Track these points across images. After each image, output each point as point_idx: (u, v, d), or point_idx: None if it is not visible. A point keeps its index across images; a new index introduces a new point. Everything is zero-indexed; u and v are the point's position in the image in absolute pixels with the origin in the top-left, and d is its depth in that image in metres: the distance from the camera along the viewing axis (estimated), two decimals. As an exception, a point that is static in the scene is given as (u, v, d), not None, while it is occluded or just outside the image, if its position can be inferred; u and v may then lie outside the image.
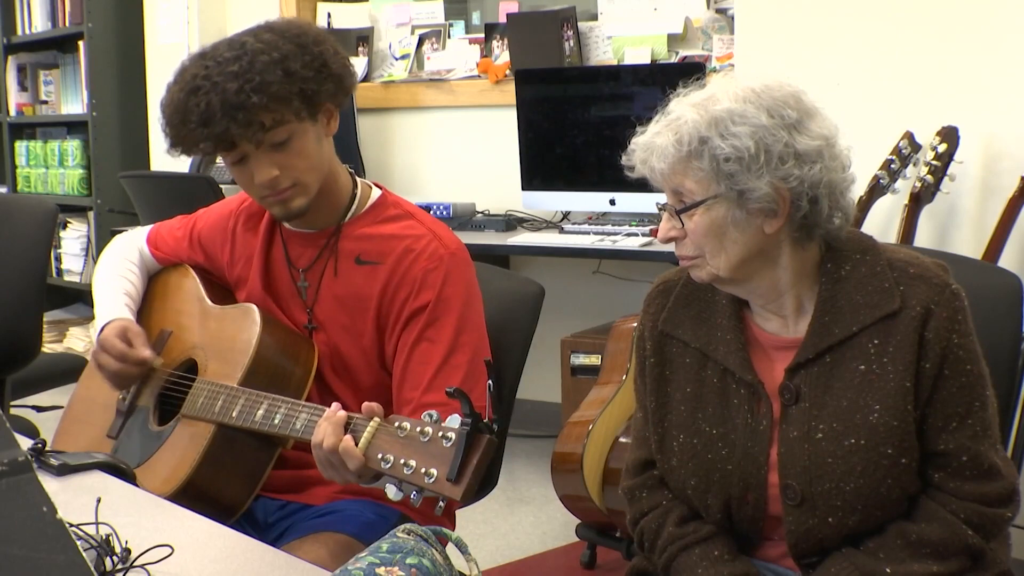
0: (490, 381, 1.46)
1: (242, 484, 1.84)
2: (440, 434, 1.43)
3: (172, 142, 1.86)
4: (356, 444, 1.53)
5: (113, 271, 2.14)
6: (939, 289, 1.52)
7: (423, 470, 1.43)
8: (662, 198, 1.61)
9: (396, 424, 1.49)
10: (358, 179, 1.99)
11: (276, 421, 1.74)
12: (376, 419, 1.53)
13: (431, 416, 1.45)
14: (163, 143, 1.90)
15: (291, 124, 1.81)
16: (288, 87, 1.78)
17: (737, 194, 1.50)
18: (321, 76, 1.83)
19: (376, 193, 1.97)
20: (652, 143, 1.54)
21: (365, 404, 1.57)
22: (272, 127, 1.79)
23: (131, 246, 2.18)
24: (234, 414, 1.80)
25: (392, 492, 1.46)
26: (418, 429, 1.46)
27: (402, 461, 1.46)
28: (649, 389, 1.68)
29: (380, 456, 1.49)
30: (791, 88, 1.54)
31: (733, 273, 1.55)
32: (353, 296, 1.90)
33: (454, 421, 1.43)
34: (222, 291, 2.06)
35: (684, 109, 1.53)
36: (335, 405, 1.62)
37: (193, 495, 1.76)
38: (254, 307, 1.93)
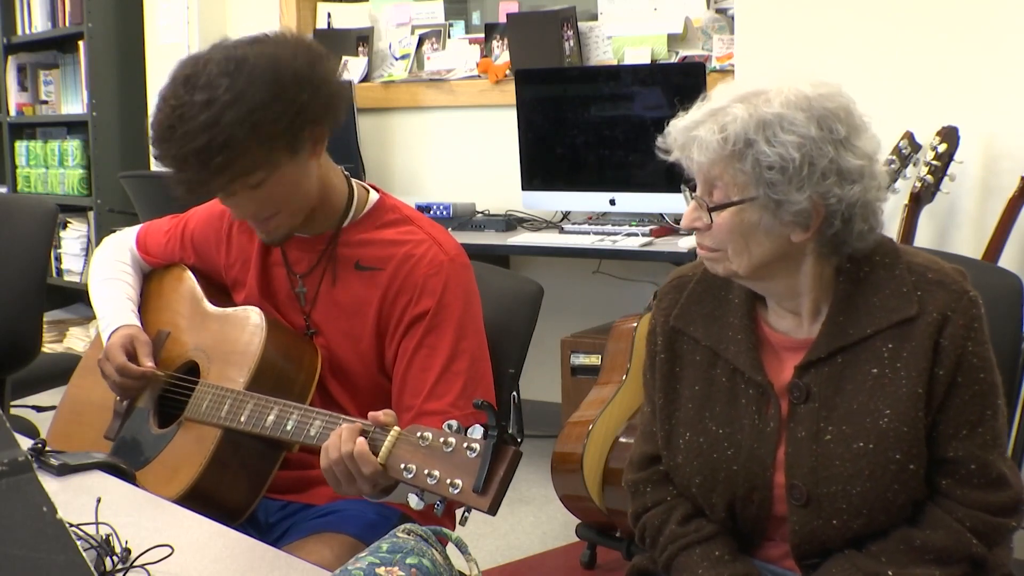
0: (515, 393, 1.45)
1: (247, 488, 1.84)
2: (464, 445, 1.42)
3: (158, 160, 1.87)
4: (376, 454, 1.52)
5: (109, 274, 2.13)
6: (957, 296, 1.51)
7: (448, 481, 1.42)
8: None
9: (418, 434, 1.48)
10: (354, 182, 1.97)
11: (288, 427, 1.73)
12: (396, 428, 1.52)
13: (452, 426, 1.45)
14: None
15: (262, 170, 1.78)
16: (255, 142, 1.74)
17: (775, 203, 1.48)
18: (297, 123, 1.78)
19: (374, 197, 1.96)
20: (694, 133, 1.50)
21: (372, 413, 1.56)
22: (242, 175, 1.77)
23: (123, 247, 2.18)
24: (242, 419, 1.79)
25: (414, 502, 1.46)
26: (441, 440, 1.45)
27: (425, 471, 1.45)
28: (658, 385, 1.67)
29: (402, 466, 1.48)
30: (843, 99, 1.51)
31: (752, 273, 1.54)
32: (353, 302, 1.90)
33: (477, 432, 1.42)
34: (219, 292, 2.06)
35: (731, 102, 1.50)
36: (348, 420, 1.62)
37: (198, 499, 1.75)
38: (257, 310, 1.92)
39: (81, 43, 5.58)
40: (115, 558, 1.35)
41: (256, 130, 1.74)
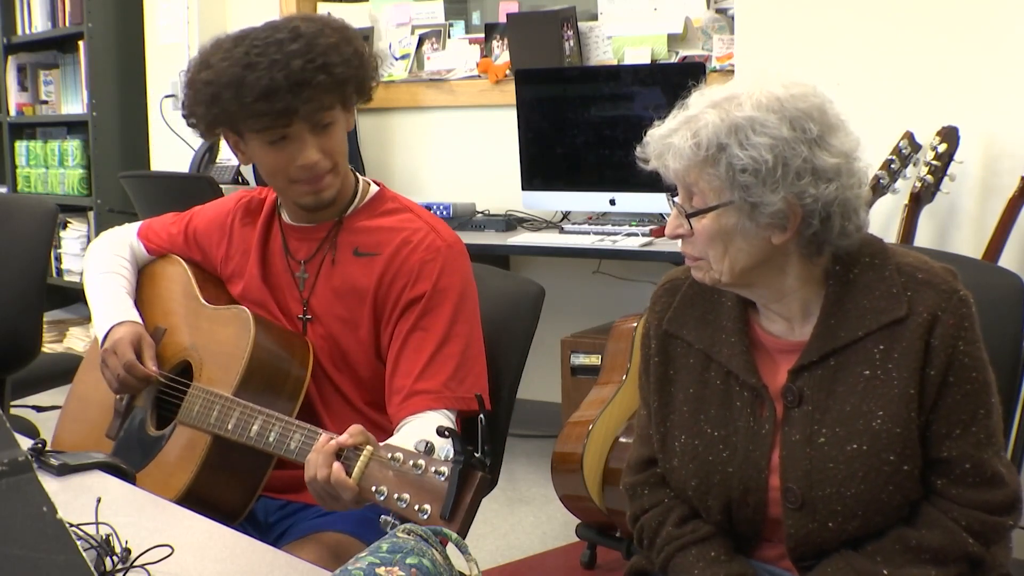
0: (482, 416, 1.44)
1: (241, 491, 1.84)
2: (433, 469, 1.43)
3: (214, 118, 1.85)
4: (349, 474, 1.52)
5: (108, 268, 2.13)
6: (947, 296, 1.51)
7: (416, 507, 1.43)
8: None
9: (390, 455, 1.49)
10: (358, 175, 2.01)
11: (271, 439, 1.74)
12: (368, 448, 1.52)
13: (422, 446, 1.45)
14: (182, 121, 1.93)
15: (337, 110, 1.86)
16: (345, 71, 1.83)
17: (750, 206, 1.48)
18: (362, 71, 1.87)
19: (374, 188, 2.00)
20: (669, 141, 1.52)
21: (353, 427, 1.56)
22: (328, 108, 1.83)
23: (120, 242, 2.17)
24: (229, 427, 1.80)
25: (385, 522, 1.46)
26: (411, 462, 1.46)
27: (396, 495, 1.46)
28: (653, 388, 1.67)
29: (374, 488, 1.49)
30: (817, 99, 1.51)
31: (736, 279, 1.54)
32: (350, 287, 1.91)
33: (446, 452, 1.42)
34: (214, 286, 2.06)
35: (704, 108, 1.50)
36: (324, 436, 1.62)
37: (193, 502, 1.75)
38: (246, 310, 1.92)
39: (81, 43, 5.58)
40: (115, 558, 1.35)
41: (345, 62, 1.83)
